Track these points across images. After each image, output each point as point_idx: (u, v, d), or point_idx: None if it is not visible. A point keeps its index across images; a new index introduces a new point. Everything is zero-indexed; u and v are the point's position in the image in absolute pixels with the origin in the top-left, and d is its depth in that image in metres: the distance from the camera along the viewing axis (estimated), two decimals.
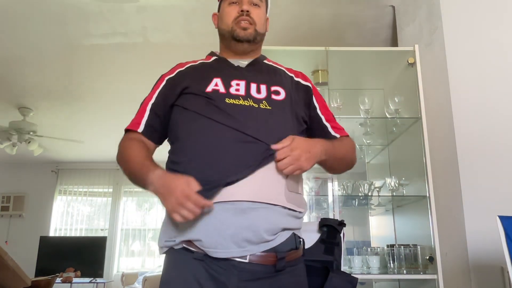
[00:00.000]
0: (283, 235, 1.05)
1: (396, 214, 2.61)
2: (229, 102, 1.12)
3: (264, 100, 1.15)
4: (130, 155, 1.13)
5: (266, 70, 1.28)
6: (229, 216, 0.99)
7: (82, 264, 5.71)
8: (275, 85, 1.21)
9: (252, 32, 1.24)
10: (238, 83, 1.17)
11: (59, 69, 3.96)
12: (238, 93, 1.14)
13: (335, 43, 3.23)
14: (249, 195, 1.01)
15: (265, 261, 1.00)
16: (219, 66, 1.26)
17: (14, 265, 1.77)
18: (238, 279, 0.98)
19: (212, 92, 1.14)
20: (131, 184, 1.17)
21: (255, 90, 1.17)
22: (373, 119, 2.42)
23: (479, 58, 2.19)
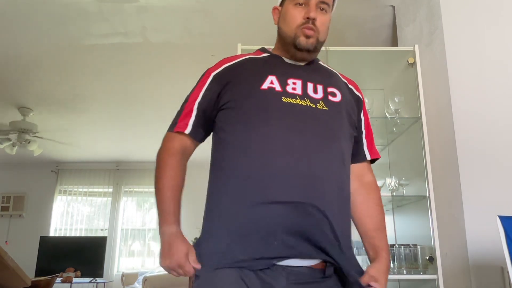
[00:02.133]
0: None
1: (396, 214, 2.61)
2: (285, 101, 1.07)
3: (321, 101, 1.11)
4: (164, 184, 1.09)
5: (321, 71, 1.24)
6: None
7: (82, 264, 5.71)
8: (331, 87, 1.17)
9: (314, 42, 1.16)
10: (294, 82, 1.12)
11: (59, 69, 3.96)
12: (295, 92, 1.09)
13: (335, 43, 3.22)
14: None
15: (315, 265, 1.01)
16: (273, 63, 1.19)
17: (14, 265, 1.77)
18: (287, 282, 0.97)
19: (268, 90, 1.09)
20: (131, 184, 1.18)
21: (312, 89, 1.12)
22: (373, 119, 2.41)
23: (479, 58, 2.19)
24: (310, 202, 0.99)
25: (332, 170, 1.06)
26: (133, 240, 6.99)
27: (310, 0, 1.13)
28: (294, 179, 0.99)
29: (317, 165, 1.03)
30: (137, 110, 4.90)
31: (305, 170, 1.01)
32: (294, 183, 0.99)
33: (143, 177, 6.95)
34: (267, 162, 1.00)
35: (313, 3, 1.14)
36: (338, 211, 1.05)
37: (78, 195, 7.14)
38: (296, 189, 0.99)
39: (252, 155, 1.02)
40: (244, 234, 0.98)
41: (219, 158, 1.10)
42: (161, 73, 4.00)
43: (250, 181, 1.00)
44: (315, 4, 1.14)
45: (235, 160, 1.04)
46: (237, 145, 1.05)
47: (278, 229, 0.97)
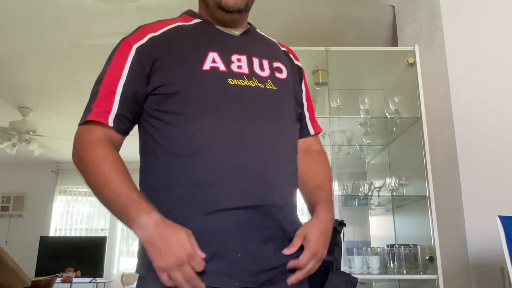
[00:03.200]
0: None
1: (396, 214, 2.61)
2: (232, 83, 0.91)
3: (268, 79, 0.96)
4: (106, 175, 0.84)
5: (262, 41, 1.07)
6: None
7: (82, 264, 5.71)
8: (276, 61, 1.02)
9: (242, 0, 0.97)
10: (239, 58, 0.95)
11: (59, 69, 3.96)
12: (241, 71, 0.93)
13: (335, 43, 3.23)
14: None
15: None
16: (209, 34, 0.99)
17: (14, 265, 1.77)
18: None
19: (211, 71, 0.91)
20: None
21: (258, 66, 0.97)
22: (373, 119, 2.42)
23: (479, 58, 2.19)
24: (268, 203, 0.88)
25: (287, 160, 0.95)
26: (133, 240, 6.99)
27: None
28: (249, 180, 0.87)
29: (272, 158, 0.91)
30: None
31: (261, 168, 0.88)
32: (249, 185, 0.87)
33: None
34: (219, 162, 0.86)
35: None
36: (289, 203, 0.95)
37: (78, 195, 7.14)
38: (253, 192, 0.87)
39: (201, 154, 0.86)
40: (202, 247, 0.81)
41: (158, 153, 0.90)
42: None
43: (203, 186, 0.85)
44: None
45: (182, 160, 0.87)
46: (180, 141, 0.87)
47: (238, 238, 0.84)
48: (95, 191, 0.86)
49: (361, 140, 2.55)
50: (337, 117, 2.37)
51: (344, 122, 2.44)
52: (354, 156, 2.65)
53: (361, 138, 2.52)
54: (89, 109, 0.92)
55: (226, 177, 0.85)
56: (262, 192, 0.88)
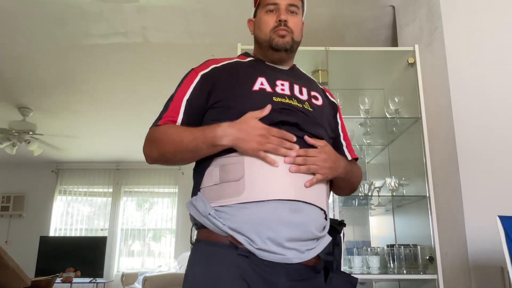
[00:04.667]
0: (324, 240, 1.07)
1: (396, 214, 2.61)
2: (276, 100, 1.11)
3: (306, 102, 1.16)
4: (174, 131, 1.09)
5: (303, 76, 1.31)
6: (281, 215, 0.98)
7: (82, 264, 5.71)
8: (313, 91, 1.24)
9: (290, 40, 1.22)
10: (282, 83, 1.17)
11: (59, 69, 3.96)
12: (284, 93, 1.14)
13: (335, 43, 3.23)
14: (303, 195, 1.02)
15: (310, 262, 1.02)
16: (260, 66, 1.24)
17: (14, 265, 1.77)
18: (287, 279, 0.98)
19: (260, 90, 1.13)
20: (131, 184, 1.14)
21: (298, 91, 1.18)
22: (373, 119, 2.42)
23: (479, 58, 2.19)
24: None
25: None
26: (133, 240, 7.00)
27: (279, 5, 1.21)
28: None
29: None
30: (137, 110, 4.90)
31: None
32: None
33: (143, 177, 6.95)
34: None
35: (283, 7, 1.22)
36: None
37: (78, 195, 7.14)
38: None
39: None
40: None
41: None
42: (161, 73, 4.00)
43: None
44: (285, 8, 1.22)
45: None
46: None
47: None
48: (172, 149, 1.08)
49: (361, 140, 2.55)
50: None
51: (344, 122, 2.44)
52: None
53: (361, 138, 2.52)
54: (160, 117, 1.14)
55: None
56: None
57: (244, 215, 0.98)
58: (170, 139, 1.08)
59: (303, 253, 1.00)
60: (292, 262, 0.98)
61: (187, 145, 1.06)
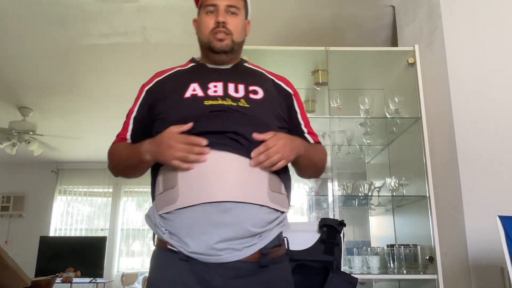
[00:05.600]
0: (269, 235, 1.06)
1: (396, 214, 2.61)
2: (207, 104, 1.13)
3: (242, 99, 1.16)
4: (118, 150, 1.21)
5: (244, 72, 1.30)
6: (209, 217, 1.01)
7: (82, 264, 5.70)
8: (253, 85, 1.21)
9: (229, 43, 1.24)
10: (215, 85, 1.19)
11: (59, 69, 3.96)
12: (216, 94, 1.16)
13: (335, 43, 3.23)
14: (232, 195, 1.02)
15: (250, 258, 1.02)
16: (197, 72, 1.27)
17: (14, 265, 1.76)
18: (222, 278, 1.00)
19: (191, 97, 1.16)
20: (131, 184, 1.21)
21: (233, 89, 1.18)
22: (373, 119, 2.42)
23: (479, 58, 2.19)
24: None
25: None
26: (133, 240, 6.99)
27: (218, 6, 1.24)
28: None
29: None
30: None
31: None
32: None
33: (143, 177, 6.87)
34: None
35: (222, 8, 1.24)
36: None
37: (78, 195, 7.14)
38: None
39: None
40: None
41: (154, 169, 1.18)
42: None
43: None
44: (224, 9, 1.24)
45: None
46: None
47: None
48: (117, 165, 1.22)
49: (361, 140, 2.55)
50: (337, 117, 2.38)
51: (344, 122, 2.44)
52: (354, 156, 2.65)
53: (361, 138, 2.52)
54: (116, 135, 1.27)
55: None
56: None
57: (180, 221, 1.03)
58: (115, 157, 1.22)
59: (241, 250, 1.01)
60: (227, 261, 1.00)
61: (125, 162, 1.19)
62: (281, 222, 1.11)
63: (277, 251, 1.08)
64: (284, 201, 1.13)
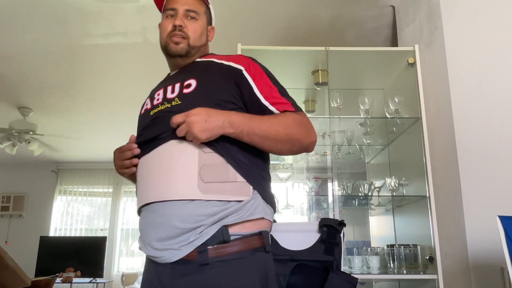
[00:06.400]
0: (209, 230, 1.01)
1: (396, 214, 2.61)
2: (152, 114, 1.19)
3: (176, 98, 1.17)
4: None
5: (189, 69, 1.27)
6: (147, 219, 1.09)
7: (82, 264, 5.70)
8: (188, 79, 1.20)
9: (185, 46, 1.25)
10: (158, 93, 1.23)
11: (59, 69, 3.95)
12: (158, 102, 1.20)
13: (335, 43, 3.23)
14: (158, 195, 1.06)
15: (189, 256, 1.01)
16: (159, 83, 1.34)
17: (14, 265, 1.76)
18: (170, 276, 1.03)
19: (144, 113, 1.25)
20: (131, 184, 1.25)
21: (170, 91, 1.20)
22: (373, 119, 2.42)
23: (479, 58, 2.19)
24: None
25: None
26: (133, 240, 6.99)
27: (178, 10, 1.27)
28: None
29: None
30: (138, 110, 4.89)
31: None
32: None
33: None
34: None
35: (180, 12, 1.27)
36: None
37: (78, 195, 7.13)
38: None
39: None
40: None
41: None
42: (161, 73, 3.99)
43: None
44: (183, 14, 1.27)
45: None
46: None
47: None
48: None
49: (361, 140, 2.55)
50: (337, 117, 2.37)
51: (344, 122, 2.44)
52: (354, 156, 2.65)
53: (361, 138, 2.52)
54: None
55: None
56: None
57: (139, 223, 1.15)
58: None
59: (179, 250, 1.02)
60: (170, 261, 1.03)
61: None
62: (233, 214, 1.03)
63: (225, 247, 1.00)
64: (238, 189, 1.04)
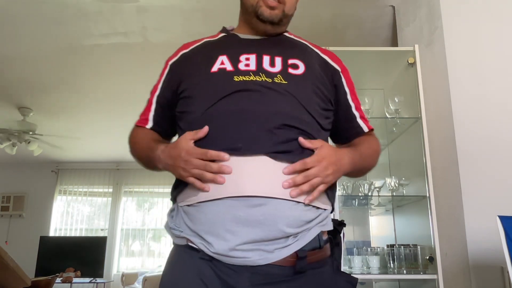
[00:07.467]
0: (307, 235, 0.91)
1: (396, 214, 2.61)
2: (237, 80, 0.97)
3: (279, 74, 1.00)
4: (137, 142, 1.10)
5: (283, 42, 1.12)
6: (240, 214, 0.86)
7: (82, 264, 5.71)
8: (293, 58, 1.05)
9: (279, 13, 1.06)
10: (247, 57, 1.02)
11: (59, 69, 3.96)
12: (248, 69, 1.00)
13: (335, 43, 3.23)
14: (264, 189, 0.87)
15: (283, 262, 0.87)
16: (227, 42, 1.11)
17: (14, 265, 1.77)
18: (250, 283, 0.86)
19: (218, 71, 1.01)
20: (131, 184, 1.18)
21: (268, 63, 1.02)
22: (373, 119, 2.41)
23: (479, 58, 2.19)
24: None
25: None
26: (133, 240, 7.00)
27: None
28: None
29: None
30: (137, 110, 4.87)
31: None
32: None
33: (143, 177, 6.95)
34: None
35: None
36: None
37: (78, 195, 7.14)
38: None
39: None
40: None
41: None
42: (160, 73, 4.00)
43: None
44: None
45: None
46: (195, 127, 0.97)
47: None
48: (137, 157, 1.11)
49: None
50: None
51: None
52: None
53: None
54: (139, 116, 1.15)
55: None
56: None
57: (203, 216, 0.89)
58: (134, 149, 1.12)
59: (272, 252, 0.87)
60: (256, 264, 0.86)
61: (143, 160, 1.09)
62: (324, 221, 0.96)
63: (317, 253, 0.93)
64: (324, 199, 0.97)
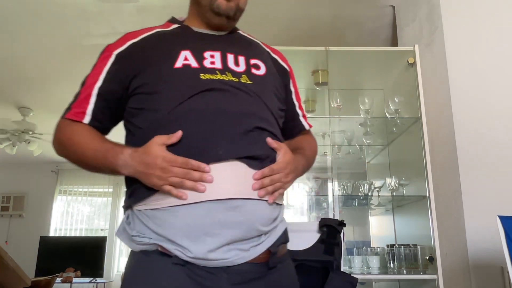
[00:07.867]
0: (275, 231, 0.94)
1: (396, 214, 2.61)
2: (204, 78, 0.93)
3: (243, 74, 0.98)
4: (75, 140, 0.96)
5: (241, 41, 1.11)
6: (220, 216, 0.85)
7: (82, 264, 5.71)
8: (254, 58, 1.04)
9: (234, 6, 1.02)
10: (212, 55, 0.98)
11: (59, 69, 3.96)
12: (214, 67, 0.96)
13: (335, 43, 3.23)
14: (241, 191, 0.88)
15: (258, 259, 0.88)
16: (184, 36, 1.04)
17: (14, 265, 1.77)
18: (228, 283, 0.85)
19: (183, 68, 0.94)
20: None
21: (233, 62, 0.99)
22: (373, 119, 2.42)
23: (479, 58, 2.19)
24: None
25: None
26: None
27: None
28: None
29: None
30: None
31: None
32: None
33: None
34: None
35: None
36: None
37: (78, 195, 7.14)
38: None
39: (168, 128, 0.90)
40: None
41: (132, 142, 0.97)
42: None
43: None
44: None
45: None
46: (150, 134, 0.89)
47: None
48: (72, 156, 0.97)
49: (361, 140, 2.55)
50: (337, 117, 2.38)
51: (344, 122, 2.44)
52: (354, 156, 2.65)
53: (361, 138, 2.52)
54: (69, 107, 1.03)
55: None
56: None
57: (179, 220, 0.85)
58: (72, 148, 0.97)
59: (247, 251, 0.87)
60: (233, 264, 0.86)
61: (89, 163, 0.95)
62: (282, 217, 1.00)
63: (284, 248, 0.98)
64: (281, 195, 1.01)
